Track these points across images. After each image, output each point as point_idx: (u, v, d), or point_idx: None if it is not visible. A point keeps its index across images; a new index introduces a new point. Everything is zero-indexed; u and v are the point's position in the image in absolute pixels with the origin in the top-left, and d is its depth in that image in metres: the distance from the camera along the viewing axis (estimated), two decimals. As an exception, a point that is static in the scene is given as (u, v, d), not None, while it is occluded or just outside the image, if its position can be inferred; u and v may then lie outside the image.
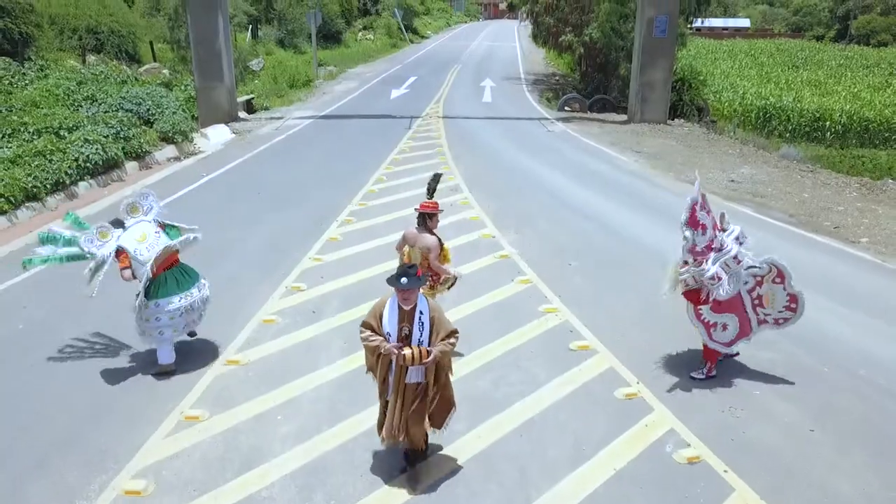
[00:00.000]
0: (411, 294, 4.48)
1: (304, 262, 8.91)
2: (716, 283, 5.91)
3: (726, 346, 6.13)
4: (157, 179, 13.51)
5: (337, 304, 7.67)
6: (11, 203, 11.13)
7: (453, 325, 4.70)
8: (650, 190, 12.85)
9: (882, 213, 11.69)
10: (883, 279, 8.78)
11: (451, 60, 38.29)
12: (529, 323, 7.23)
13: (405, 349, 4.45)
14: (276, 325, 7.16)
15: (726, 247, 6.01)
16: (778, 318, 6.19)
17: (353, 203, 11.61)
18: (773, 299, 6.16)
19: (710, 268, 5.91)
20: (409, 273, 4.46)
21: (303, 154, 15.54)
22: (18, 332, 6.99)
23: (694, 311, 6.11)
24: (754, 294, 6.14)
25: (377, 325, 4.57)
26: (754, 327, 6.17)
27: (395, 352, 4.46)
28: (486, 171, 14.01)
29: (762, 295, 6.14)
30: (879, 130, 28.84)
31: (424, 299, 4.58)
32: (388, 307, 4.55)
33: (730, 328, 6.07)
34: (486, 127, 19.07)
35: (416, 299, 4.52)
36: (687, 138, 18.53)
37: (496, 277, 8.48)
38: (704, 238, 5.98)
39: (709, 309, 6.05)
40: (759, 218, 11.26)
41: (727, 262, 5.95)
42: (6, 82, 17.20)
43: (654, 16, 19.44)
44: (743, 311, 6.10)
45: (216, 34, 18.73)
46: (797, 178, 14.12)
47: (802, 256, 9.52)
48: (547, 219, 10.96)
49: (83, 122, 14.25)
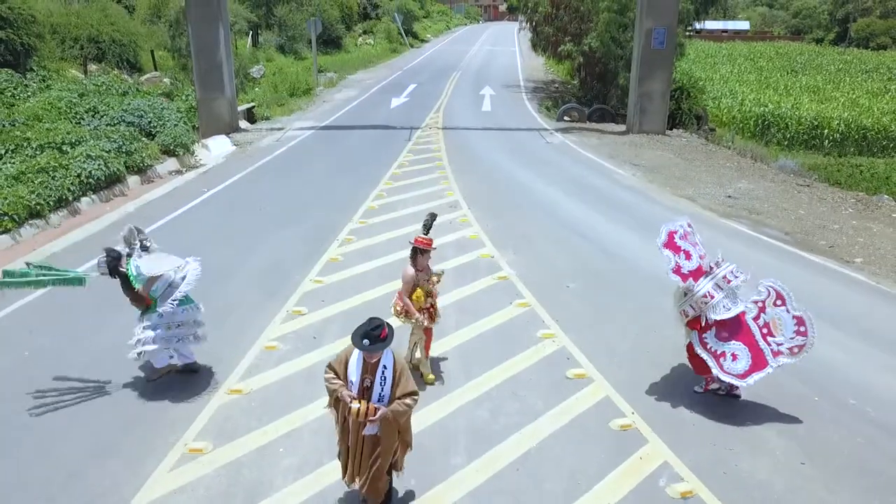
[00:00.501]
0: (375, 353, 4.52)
1: (305, 285, 9.02)
2: (708, 300, 6.04)
3: (742, 378, 6.00)
4: (159, 195, 13.61)
5: (337, 329, 7.78)
6: (15, 221, 11.23)
7: (415, 386, 4.68)
8: (646, 206, 12.96)
9: (877, 231, 11.81)
10: (876, 301, 8.89)
11: (450, 67, 38.43)
12: (527, 349, 7.34)
13: (354, 403, 4.46)
14: (278, 351, 7.28)
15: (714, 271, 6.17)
16: (792, 347, 6.10)
17: (353, 221, 11.72)
18: (780, 325, 6.14)
19: (704, 286, 6.05)
20: (371, 336, 4.44)
21: (303, 168, 15.65)
22: (24, 359, 7.09)
23: (699, 341, 6.17)
24: (760, 322, 6.17)
25: (342, 371, 4.60)
26: (770, 360, 6.04)
27: (347, 401, 4.50)
28: (485, 187, 14.12)
29: (768, 322, 6.16)
30: (877, 139, 29.02)
31: (391, 354, 4.59)
32: (355, 355, 4.57)
33: (741, 359, 6.02)
34: (485, 139, 19.19)
35: (380, 354, 4.54)
36: (684, 150, 18.65)
37: (495, 300, 8.59)
38: (690, 263, 6.13)
39: (714, 336, 6.13)
40: (755, 236, 11.39)
41: (718, 282, 6.09)
42: (8, 94, 17.31)
43: (653, 28, 19.57)
44: (753, 341, 6.08)
45: (217, 46, 18.85)
46: (794, 193, 14.24)
47: (797, 277, 9.64)
48: (545, 238, 11.08)
49: (85, 137, 14.37)
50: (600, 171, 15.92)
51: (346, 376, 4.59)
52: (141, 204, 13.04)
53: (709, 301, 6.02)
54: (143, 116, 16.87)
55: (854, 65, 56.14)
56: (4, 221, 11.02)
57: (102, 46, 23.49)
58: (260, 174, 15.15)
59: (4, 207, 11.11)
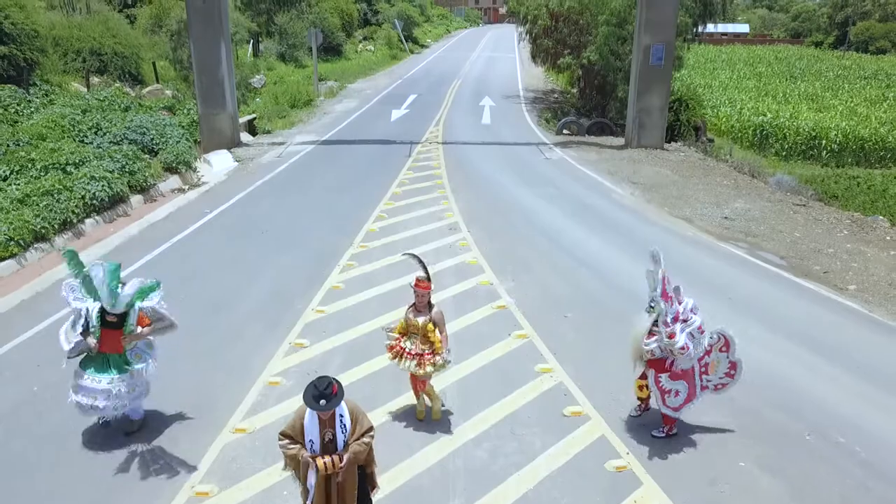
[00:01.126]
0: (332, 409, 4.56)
1: (307, 314, 9.17)
2: (684, 352, 6.24)
3: (675, 411, 6.47)
4: (162, 216, 13.76)
5: (339, 362, 7.93)
6: (21, 246, 11.38)
7: (371, 421, 4.82)
8: (644, 229, 13.10)
9: (871, 255, 11.97)
10: (868, 333, 9.04)
11: (450, 75, 38.59)
12: (525, 385, 7.49)
13: (318, 460, 4.53)
14: (281, 387, 7.43)
15: (690, 319, 6.32)
16: (717, 385, 6.63)
17: (354, 245, 11.87)
18: (717, 366, 6.61)
19: (680, 339, 6.23)
20: (326, 394, 4.48)
21: (304, 187, 15.80)
22: (33, 395, 7.24)
23: (654, 378, 6.43)
24: (703, 362, 6.54)
25: (297, 434, 4.64)
26: (698, 393, 6.54)
27: (311, 462, 4.55)
28: (484, 207, 14.27)
29: (709, 363, 6.58)
30: (875, 149, 29.19)
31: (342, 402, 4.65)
32: (308, 416, 4.60)
33: (681, 394, 6.43)
34: (484, 154, 19.33)
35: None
36: (682, 166, 18.81)
37: (494, 331, 8.74)
38: (672, 309, 6.30)
39: (667, 377, 6.40)
40: (751, 261, 11.55)
41: (693, 332, 6.28)
42: (12, 110, 17.48)
43: (651, 44, 19.73)
44: (692, 378, 6.48)
45: (219, 63, 19.01)
46: (789, 214, 14.40)
47: (792, 305, 9.83)
48: (543, 263, 11.23)
49: (89, 157, 14.52)
50: (598, 189, 16.07)
51: (302, 437, 4.62)
52: (144, 226, 13.18)
53: (684, 352, 6.21)
54: (146, 133, 17.04)
55: (853, 70, 56.36)
56: (10, 246, 11.16)
57: (104, 59, 23.66)
58: (261, 193, 15.30)
59: (10, 232, 11.25)
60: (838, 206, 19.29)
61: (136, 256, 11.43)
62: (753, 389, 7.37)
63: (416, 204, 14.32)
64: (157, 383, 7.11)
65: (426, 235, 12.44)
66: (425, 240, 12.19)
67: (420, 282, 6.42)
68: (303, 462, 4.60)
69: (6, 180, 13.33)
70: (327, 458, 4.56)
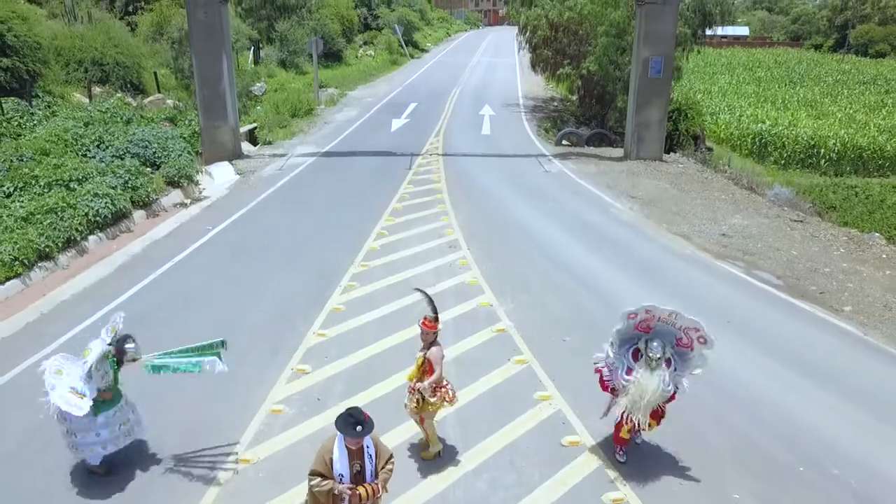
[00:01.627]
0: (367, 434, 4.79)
1: (308, 338, 9.28)
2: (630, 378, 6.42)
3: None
4: (164, 233, 13.87)
5: (341, 389, 8.05)
6: (25, 265, 11.48)
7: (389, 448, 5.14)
8: (643, 246, 13.22)
9: (867, 275, 12.10)
10: (863, 357, 9.17)
11: (450, 82, 38.70)
12: (524, 413, 7.61)
13: (358, 489, 4.78)
14: (284, 415, 7.55)
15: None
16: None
17: (355, 264, 11.98)
18: None
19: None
20: (362, 420, 4.69)
21: (305, 202, 15.92)
22: (38, 424, 7.33)
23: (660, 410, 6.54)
24: None
25: (327, 470, 4.81)
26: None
27: (348, 492, 4.77)
28: (483, 222, 14.40)
29: None
30: (873, 158, 29.33)
31: None
32: (337, 450, 4.80)
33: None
34: (484, 167, 19.45)
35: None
36: (681, 179, 18.94)
37: (493, 356, 8.86)
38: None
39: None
40: (748, 281, 11.67)
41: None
42: (15, 123, 17.60)
43: (650, 57, 19.86)
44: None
45: (220, 77, 19.13)
46: (787, 230, 14.52)
47: (787, 327, 9.96)
48: (542, 283, 11.35)
49: (92, 173, 14.64)
50: (598, 204, 16.19)
51: (331, 473, 4.81)
52: (147, 243, 13.29)
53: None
54: (148, 147, 17.17)
55: (852, 75, 56.57)
56: (15, 266, 11.27)
57: (106, 69, 23.76)
58: (262, 209, 15.42)
59: (15, 252, 11.36)
60: (836, 218, 19.47)
61: (139, 275, 11.56)
62: (750, 416, 7.51)
63: (416, 220, 14.44)
64: (162, 413, 7.28)
65: (427, 253, 12.56)
66: (426, 258, 12.31)
67: (427, 321, 6.48)
68: (340, 495, 4.80)
69: (10, 197, 13.46)
70: (366, 486, 4.80)
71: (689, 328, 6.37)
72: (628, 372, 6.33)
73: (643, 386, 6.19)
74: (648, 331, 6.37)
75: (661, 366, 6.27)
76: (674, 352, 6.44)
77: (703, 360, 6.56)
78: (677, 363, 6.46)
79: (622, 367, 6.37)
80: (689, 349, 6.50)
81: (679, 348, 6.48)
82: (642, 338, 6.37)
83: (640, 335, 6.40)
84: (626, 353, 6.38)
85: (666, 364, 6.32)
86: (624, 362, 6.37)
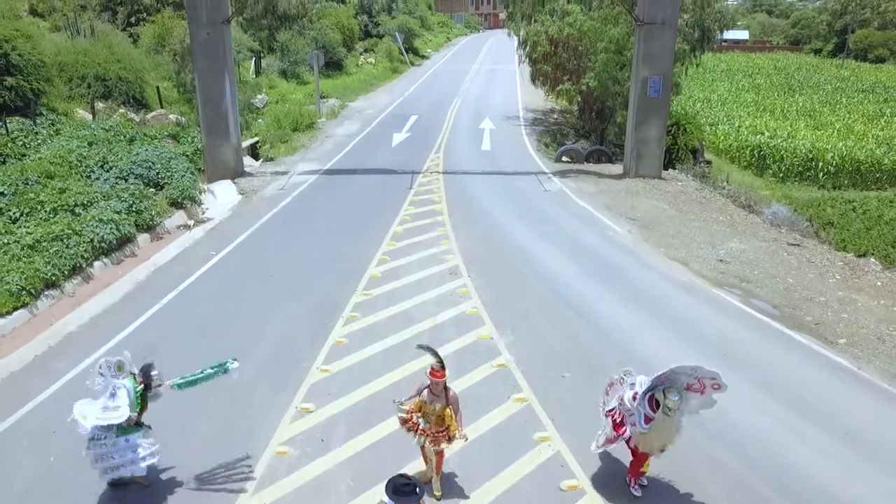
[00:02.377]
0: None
1: (312, 374, 9.45)
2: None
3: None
4: (169, 258, 14.04)
5: (344, 429, 8.21)
6: (32, 294, 11.66)
7: None
8: (641, 275, 13.36)
9: (861, 304, 12.27)
10: (855, 393, 9.33)
11: (450, 92, 38.87)
12: (524, 455, 7.77)
13: None
14: (288, 457, 7.71)
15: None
16: None
17: (357, 293, 12.15)
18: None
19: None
20: (415, 486, 4.92)
21: (307, 225, 16.08)
22: (50, 466, 7.52)
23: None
24: None
25: None
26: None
27: None
28: (483, 247, 14.57)
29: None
30: (871, 171, 29.55)
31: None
32: None
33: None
34: (484, 186, 19.63)
35: None
36: (679, 199, 19.11)
37: (493, 393, 9.03)
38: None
39: None
40: (745, 311, 11.83)
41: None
42: (20, 143, 17.79)
43: (649, 77, 20.04)
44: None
45: (223, 97, 19.32)
46: (783, 255, 14.69)
47: (783, 362, 10.12)
48: (542, 313, 11.51)
49: (97, 198, 14.81)
50: (596, 226, 16.36)
51: None
52: (151, 269, 13.46)
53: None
54: (152, 168, 17.35)
55: (851, 83, 56.75)
56: (23, 297, 11.45)
57: (109, 84, 23.93)
58: (265, 232, 15.59)
59: (23, 282, 11.54)
60: (833, 235, 19.67)
61: (145, 304, 11.73)
62: (744, 457, 7.69)
63: (417, 245, 14.61)
64: (171, 453, 7.44)
65: (427, 281, 12.73)
66: (427, 286, 12.48)
67: (435, 371, 6.66)
68: None
69: (16, 223, 13.64)
70: None
71: (705, 378, 6.58)
72: (646, 420, 6.51)
73: (662, 433, 6.43)
74: (666, 380, 6.55)
75: (678, 413, 6.49)
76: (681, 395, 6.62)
77: (712, 402, 6.75)
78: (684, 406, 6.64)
79: (640, 416, 6.54)
80: (700, 393, 6.68)
81: (687, 392, 6.66)
82: (659, 387, 6.55)
83: (658, 384, 6.58)
84: (643, 401, 6.55)
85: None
86: (641, 411, 6.54)
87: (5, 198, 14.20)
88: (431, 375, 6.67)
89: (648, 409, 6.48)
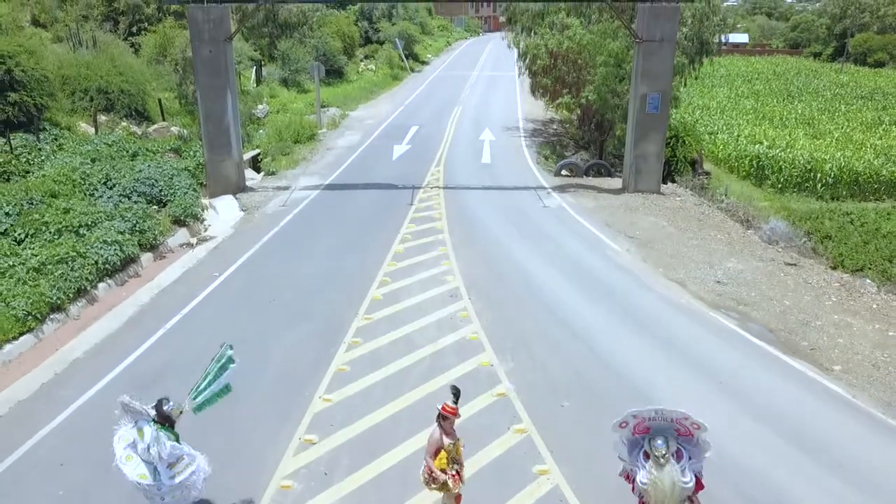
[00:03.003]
0: None
1: (315, 403, 9.59)
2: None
3: None
4: (172, 279, 14.19)
5: (347, 462, 8.36)
6: (38, 319, 11.81)
7: None
8: (640, 297, 13.49)
9: (857, 329, 12.42)
10: (849, 421, 9.47)
11: (450, 101, 38.99)
12: (523, 489, 7.91)
13: None
14: (292, 491, 7.85)
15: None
16: None
17: (358, 316, 12.29)
18: None
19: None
20: None
21: (309, 244, 16.23)
22: (59, 501, 7.67)
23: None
24: None
25: None
26: None
27: None
28: (484, 267, 14.72)
29: None
30: (869, 182, 29.71)
31: None
32: None
33: None
34: (484, 202, 19.79)
35: None
36: (678, 215, 19.26)
37: (493, 424, 9.16)
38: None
39: None
40: (741, 336, 11.97)
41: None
42: (24, 160, 17.94)
43: (647, 93, 20.19)
44: None
45: (224, 113, 19.47)
46: (780, 276, 14.84)
47: (778, 389, 10.26)
48: (541, 338, 11.65)
49: (101, 218, 14.96)
50: (596, 245, 16.51)
51: None
52: (155, 291, 13.60)
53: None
54: (155, 185, 17.52)
55: (850, 88, 56.88)
56: (28, 321, 11.59)
57: (111, 97, 24.08)
58: (267, 252, 15.73)
59: (28, 307, 11.68)
60: (831, 249, 19.81)
61: (149, 329, 11.87)
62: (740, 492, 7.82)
63: (418, 265, 14.75)
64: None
65: (428, 304, 12.87)
66: (428, 309, 12.63)
67: (448, 408, 6.70)
68: None
69: (21, 244, 13.79)
70: None
71: (678, 419, 6.65)
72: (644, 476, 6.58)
73: (660, 487, 6.36)
74: (647, 431, 6.59)
75: (669, 461, 6.46)
76: (679, 443, 6.65)
77: (706, 443, 6.80)
78: (690, 452, 6.64)
79: (640, 472, 6.60)
80: (691, 436, 6.75)
81: (681, 437, 6.72)
82: (645, 439, 6.62)
83: (642, 438, 6.64)
84: (638, 456, 6.60)
85: (677, 457, 6.50)
86: (638, 467, 6.60)
87: (10, 218, 14.35)
88: (444, 411, 6.76)
89: (643, 462, 6.54)
